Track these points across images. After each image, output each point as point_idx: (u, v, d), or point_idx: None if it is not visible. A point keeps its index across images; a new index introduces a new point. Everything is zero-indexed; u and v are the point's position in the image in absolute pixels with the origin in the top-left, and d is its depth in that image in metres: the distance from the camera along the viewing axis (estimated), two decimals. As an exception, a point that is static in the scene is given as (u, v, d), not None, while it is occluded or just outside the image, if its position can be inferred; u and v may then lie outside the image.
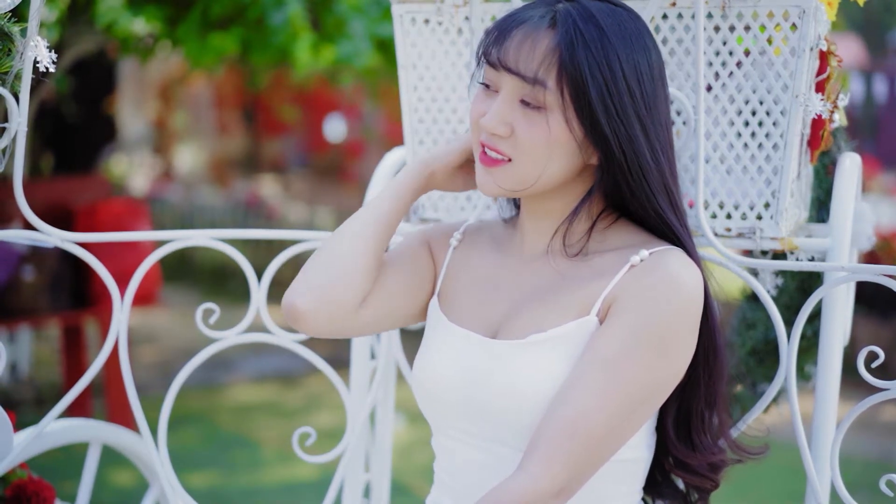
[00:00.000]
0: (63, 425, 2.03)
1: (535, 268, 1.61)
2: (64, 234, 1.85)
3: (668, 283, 1.48)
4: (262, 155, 13.71)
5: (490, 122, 1.52)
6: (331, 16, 4.78)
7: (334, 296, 1.60)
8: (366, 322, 1.66)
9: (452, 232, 1.74)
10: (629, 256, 1.53)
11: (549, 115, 1.50)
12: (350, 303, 1.62)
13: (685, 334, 1.50)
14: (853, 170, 1.91)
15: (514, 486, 1.43)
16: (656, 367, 1.47)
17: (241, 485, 4.80)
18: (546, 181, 1.54)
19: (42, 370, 6.38)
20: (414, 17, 1.96)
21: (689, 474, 1.62)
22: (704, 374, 1.57)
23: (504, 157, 1.53)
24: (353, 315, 1.63)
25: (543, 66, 1.48)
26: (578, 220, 1.58)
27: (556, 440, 1.43)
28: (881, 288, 1.69)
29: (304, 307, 1.60)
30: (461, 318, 1.63)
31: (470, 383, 1.56)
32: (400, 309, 1.69)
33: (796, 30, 1.76)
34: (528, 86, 1.49)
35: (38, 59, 1.64)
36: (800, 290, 2.23)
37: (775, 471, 4.13)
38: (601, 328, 1.50)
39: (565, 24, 1.49)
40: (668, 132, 1.56)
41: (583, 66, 1.47)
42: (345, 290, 1.61)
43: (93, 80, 6.75)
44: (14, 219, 4.92)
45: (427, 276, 1.71)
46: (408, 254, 1.71)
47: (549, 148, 1.51)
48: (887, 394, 1.65)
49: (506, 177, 1.54)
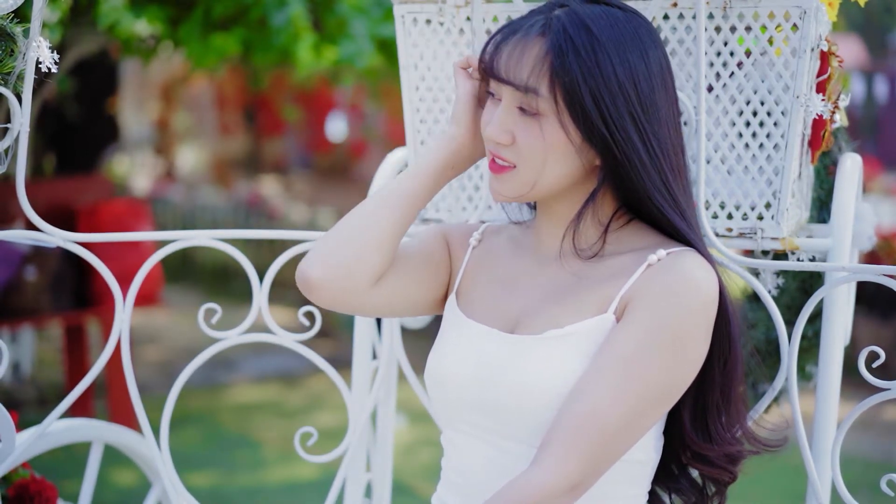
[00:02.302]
0: (65, 425, 2.04)
1: (552, 269, 1.62)
2: (66, 234, 1.86)
3: (684, 283, 1.49)
4: (264, 155, 13.72)
5: (493, 132, 1.56)
6: (332, 16, 4.78)
7: (349, 271, 1.61)
8: (375, 303, 1.66)
9: (472, 232, 1.75)
10: (646, 256, 1.54)
11: (542, 121, 1.52)
12: (364, 281, 1.62)
13: (700, 334, 1.51)
14: (854, 170, 1.91)
15: (527, 481, 1.43)
16: (671, 366, 1.49)
17: (242, 484, 4.80)
18: (547, 185, 1.56)
19: (44, 370, 6.39)
20: (416, 17, 1.96)
21: (707, 466, 1.62)
22: (719, 366, 1.57)
23: (509, 164, 1.56)
24: (365, 293, 1.63)
25: (534, 73, 1.51)
26: (586, 221, 1.59)
27: (570, 436, 1.44)
28: (882, 288, 1.69)
29: (317, 279, 1.61)
30: (479, 314, 1.64)
31: (486, 377, 1.57)
32: (411, 298, 1.70)
33: (797, 30, 1.76)
34: (522, 93, 1.52)
35: (41, 59, 1.65)
36: (801, 290, 2.23)
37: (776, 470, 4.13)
38: (618, 326, 1.51)
39: (555, 31, 1.51)
40: (672, 130, 1.56)
41: (574, 72, 1.49)
42: (360, 266, 1.61)
43: (95, 80, 6.75)
44: (16, 219, 4.92)
45: (442, 270, 1.72)
46: (425, 246, 1.73)
47: (545, 153, 1.53)
48: (888, 394, 1.65)
49: (510, 183, 1.57)
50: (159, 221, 9.84)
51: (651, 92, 1.52)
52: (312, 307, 2.00)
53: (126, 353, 1.92)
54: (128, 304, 1.92)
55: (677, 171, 1.57)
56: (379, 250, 1.62)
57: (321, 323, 1.97)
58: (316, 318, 1.97)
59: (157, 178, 13.30)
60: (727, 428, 1.60)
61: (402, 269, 1.67)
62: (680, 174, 1.58)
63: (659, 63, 1.55)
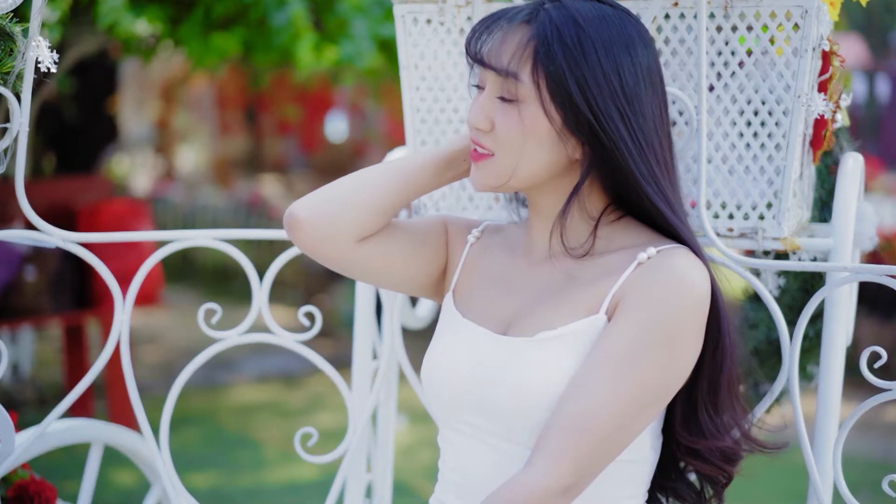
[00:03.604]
0: (65, 425, 2.03)
1: (544, 269, 1.61)
2: (66, 234, 1.85)
3: (675, 281, 1.49)
4: (264, 155, 13.71)
5: (472, 118, 1.57)
6: (333, 16, 4.78)
7: (334, 218, 1.63)
8: (354, 260, 1.67)
9: (471, 228, 1.75)
10: (637, 254, 1.53)
11: (522, 107, 1.52)
12: (347, 233, 1.64)
13: (692, 332, 1.50)
14: (856, 170, 1.91)
15: (522, 482, 1.43)
16: (664, 365, 1.48)
17: (242, 485, 4.80)
18: (527, 174, 1.55)
19: (44, 370, 6.39)
20: (416, 17, 1.96)
21: (700, 462, 1.61)
22: (709, 360, 1.56)
23: (488, 152, 1.57)
24: (346, 245, 1.65)
25: (514, 58, 1.52)
26: (573, 217, 1.58)
27: (564, 437, 1.44)
28: (884, 288, 1.69)
29: (304, 218, 1.63)
30: (474, 314, 1.64)
31: (479, 379, 1.56)
32: (392, 268, 1.70)
33: (798, 30, 1.76)
34: (502, 79, 1.53)
35: (40, 59, 1.64)
36: (802, 290, 2.23)
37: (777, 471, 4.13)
38: (609, 326, 1.50)
39: (541, 21, 1.52)
40: (660, 129, 1.55)
41: (559, 60, 1.49)
42: (346, 217, 1.63)
43: (94, 80, 6.75)
44: (16, 219, 4.92)
45: (434, 255, 1.72)
46: (423, 225, 1.74)
47: (523, 139, 1.53)
48: (890, 394, 1.65)
49: (488, 171, 1.58)
50: (159, 221, 9.85)
51: (636, 86, 1.52)
52: (313, 307, 2.00)
53: (126, 353, 1.92)
54: (128, 304, 1.92)
55: (664, 166, 1.56)
56: (368, 211, 1.64)
57: (321, 323, 1.97)
58: (316, 318, 1.97)
59: (157, 178, 13.30)
60: (715, 421, 1.59)
61: (390, 237, 1.68)
62: (667, 170, 1.57)
63: (647, 61, 1.54)
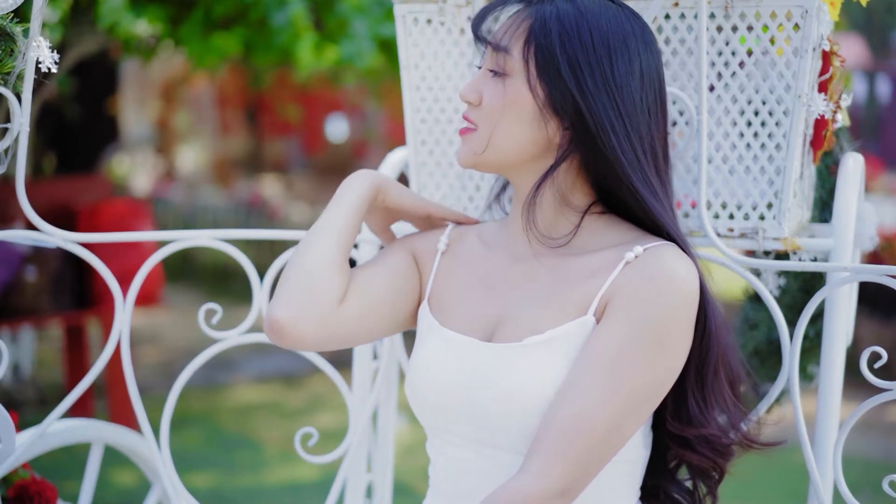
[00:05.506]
0: (65, 425, 2.03)
1: (527, 267, 1.60)
2: (66, 234, 1.85)
3: (663, 278, 1.48)
4: (265, 155, 13.72)
5: (463, 91, 1.59)
6: (333, 16, 4.78)
7: (310, 298, 1.58)
8: (348, 326, 1.63)
9: (438, 237, 1.73)
10: (624, 253, 1.52)
11: (507, 81, 1.54)
12: (327, 302, 1.59)
13: (683, 329, 1.49)
14: (856, 170, 1.91)
15: (517, 487, 1.42)
16: (655, 363, 1.47)
17: (243, 485, 4.80)
18: (502, 148, 1.55)
19: (44, 370, 6.39)
20: (416, 17, 1.96)
21: (689, 451, 1.59)
22: (695, 349, 1.55)
23: (473, 126, 1.58)
24: (333, 316, 1.60)
25: (508, 33, 1.54)
26: (545, 198, 1.57)
27: (558, 440, 1.43)
28: (884, 288, 1.68)
29: (287, 318, 1.57)
30: (455, 322, 1.62)
31: (468, 388, 1.55)
32: (382, 313, 1.66)
33: (799, 30, 1.76)
34: (495, 53, 1.55)
35: (41, 59, 1.64)
36: (802, 290, 2.23)
37: (778, 471, 4.13)
38: (599, 327, 1.49)
39: (544, 4, 1.54)
40: (653, 123, 1.55)
41: (552, 35, 1.50)
42: (319, 289, 1.59)
43: (95, 80, 6.75)
44: (16, 219, 4.92)
45: (411, 284, 1.69)
46: (388, 259, 1.70)
47: (502, 110, 1.54)
48: (890, 394, 1.65)
49: (469, 144, 1.59)
50: (159, 221, 9.85)
51: (628, 76, 1.51)
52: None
53: (126, 353, 1.92)
54: (128, 304, 1.92)
55: (650, 157, 1.54)
56: (331, 271, 1.60)
57: (322, 323, 1.97)
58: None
59: (157, 178, 13.31)
60: (703, 409, 1.57)
61: (366, 286, 1.65)
62: (657, 165, 1.55)
63: (645, 59, 1.54)
